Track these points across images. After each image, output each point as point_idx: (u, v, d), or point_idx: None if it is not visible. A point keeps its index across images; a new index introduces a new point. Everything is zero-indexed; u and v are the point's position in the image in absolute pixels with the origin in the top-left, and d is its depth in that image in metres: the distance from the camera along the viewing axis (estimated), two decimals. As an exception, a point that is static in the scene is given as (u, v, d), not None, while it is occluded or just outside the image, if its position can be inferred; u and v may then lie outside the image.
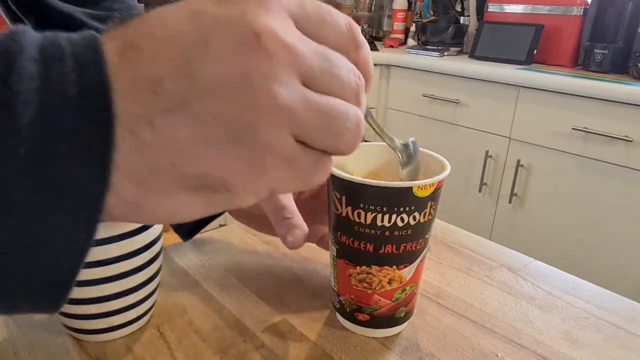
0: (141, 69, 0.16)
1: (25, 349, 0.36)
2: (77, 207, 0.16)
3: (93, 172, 0.16)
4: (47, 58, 0.15)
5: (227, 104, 0.16)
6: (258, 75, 0.16)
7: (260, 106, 0.17)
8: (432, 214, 0.34)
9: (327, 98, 0.18)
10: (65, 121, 0.15)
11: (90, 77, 0.15)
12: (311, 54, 0.18)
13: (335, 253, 0.37)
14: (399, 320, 0.38)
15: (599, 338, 0.39)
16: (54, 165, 0.15)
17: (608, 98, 1.39)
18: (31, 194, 0.15)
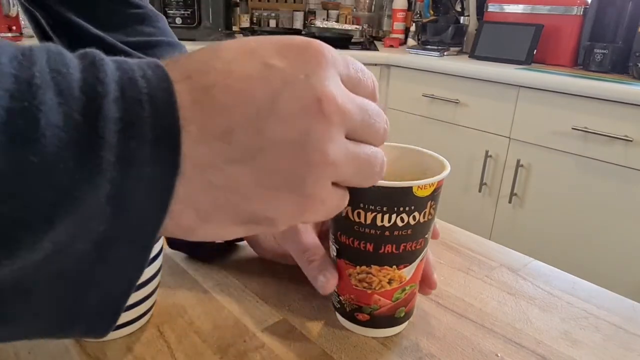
0: (214, 118, 0.18)
1: (25, 348, 0.36)
2: (138, 234, 0.18)
3: (156, 204, 0.17)
4: (127, 100, 0.16)
5: (286, 159, 0.19)
6: (315, 136, 0.19)
7: (313, 162, 0.19)
8: (432, 214, 0.34)
9: (362, 147, 0.22)
10: (141, 163, 0.16)
11: (164, 122, 0.17)
12: (357, 110, 0.21)
13: (334, 253, 0.37)
14: (399, 320, 0.38)
15: (598, 338, 0.39)
16: (129, 200, 0.16)
17: (608, 98, 1.39)
18: (107, 227, 0.16)
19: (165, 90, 0.17)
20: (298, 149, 0.19)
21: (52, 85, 0.15)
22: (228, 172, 0.18)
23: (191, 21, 2.06)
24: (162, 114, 0.17)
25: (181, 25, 2.05)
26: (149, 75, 0.17)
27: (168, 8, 2.05)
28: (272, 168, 0.19)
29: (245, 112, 0.18)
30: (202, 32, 2.08)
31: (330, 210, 0.22)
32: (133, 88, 0.17)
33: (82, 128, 0.15)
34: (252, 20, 2.46)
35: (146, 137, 0.16)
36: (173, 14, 2.05)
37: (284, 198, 0.20)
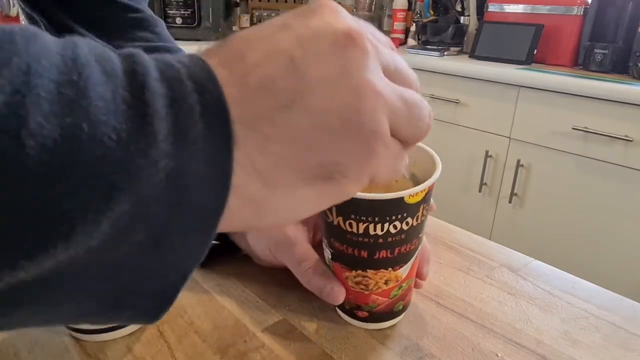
0: (250, 75, 0.18)
1: (25, 348, 0.36)
2: (200, 217, 0.17)
3: (217, 175, 0.17)
4: (169, 79, 0.16)
5: (334, 94, 0.18)
6: (355, 66, 0.19)
7: (363, 93, 0.19)
8: (425, 214, 0.34)
9: (405, 89, 0.21)
10: (193, 134, 0.16)
11: (208, 95, 0.17)
12: (387, 52, 0.21)
13: (329, 256, 0.37)
14: (397, 313, 0.39)
15: (598, 338, 0.39)
16: (185, 175, 0.16)
17: (608, 98, 1.39)
18: (167, 210, 0.16)
19: (201, 67, 0.17)
20: (341, 81, 0.18)
21: (96, 66, 0.15)
22: (281, 121, 0.18)
23: (191, 21, 2.06)
24: (205, 88, 0.17)
25: (181, 26, 2.05)
26: (182, 59, 0.18)
27: (168, 8, 2.05)
28: (324, 106, 0.18)
29: (279, 60, 0.18)
30: (202, 32, 2.08)
31: (394, 163, 0.21)
32: (171, 69, 0.17)
33: (131, 102, 0.15)
34: (252, 20, 2.46)
35: (195, 110, 0.16)
36: (173, 14, 2.05)
37: (346, 138, 0.19)
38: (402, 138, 0.21)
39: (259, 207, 0.19)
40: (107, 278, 0.17)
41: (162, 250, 0.17)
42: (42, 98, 0.13)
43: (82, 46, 0.16)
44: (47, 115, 0.13)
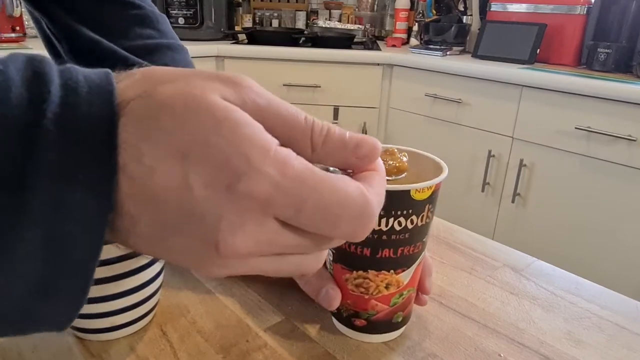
0: (129, 202, 0.18)
1: (28, 348, 0.36)
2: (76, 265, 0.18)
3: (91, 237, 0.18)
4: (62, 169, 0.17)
5: (185, 260, 0.19)
6: (210, 263, 0.19)
7: (207, 270, 0.20)
8: (430, 217, 0.34)
9: (275, 262, 0.20)
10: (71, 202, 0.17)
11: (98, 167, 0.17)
12: (274, 249, 0.19)
13: (331, 257, 0.36)
14: (397, 325, 0.38)
15: (602, 338, 0.39)
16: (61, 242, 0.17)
17: (611, 97, 1.39)
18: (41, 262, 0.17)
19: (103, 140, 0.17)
20: (196, 260, 0.19)
21: None
22: (134, 237, 0.19)
23: (194, 21, 2.07)
24: (99, 160, 0.17)
25: (184, 26, 2.05)
26: (93, 109, 0.17)
27: (171, 8, 2.05)
28: (176, 253, 0.19)
29: (151, 216, 0.18)
30: (205, 32, 2.08)
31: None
32: (69, 124, 0.17)
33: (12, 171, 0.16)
34: (254, 20, 2.46)
35: (77, 184, 0.17)
36: (175, 14, 2.05)
37: (189, 265, 0.20)
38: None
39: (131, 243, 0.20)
40: None
41: (40, 305, 0.18)
42: None
43: None
44: None
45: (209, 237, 0.18)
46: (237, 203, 0.18)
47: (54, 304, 0.18)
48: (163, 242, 0.19)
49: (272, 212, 0.18)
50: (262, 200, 0.18)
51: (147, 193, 0.17)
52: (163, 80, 0.18)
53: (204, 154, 0.17)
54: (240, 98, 0.19)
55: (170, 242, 0.19)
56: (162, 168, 0.17)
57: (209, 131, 0.17)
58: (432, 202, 0.33)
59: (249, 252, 0.19)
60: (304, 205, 0.18)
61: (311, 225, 0.19)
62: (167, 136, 0.17)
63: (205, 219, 0.18)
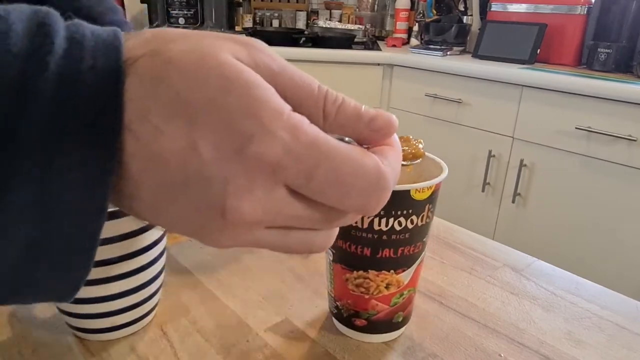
0: (134, 163, 0.17)
1: (29, 348, 0.36)
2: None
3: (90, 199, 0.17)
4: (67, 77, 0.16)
5: (184, 229, 0.18)
6: (213, 231, 0.18)
7: (208, 240, 0.19)
8: (430, 217, 0.34)
9: (283, 236, 0.19)
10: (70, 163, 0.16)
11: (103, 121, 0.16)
12: (280, 220, 0.19)
13: (331, 257, 0.36)
14: (397, 325, 0.38)
15: (602, 338, 0.39)
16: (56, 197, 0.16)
17: (612, 97, 1.39)
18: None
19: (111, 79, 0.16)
20: (196, 230, 0.18)
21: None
22: (136, 200, 0.18)
23: (194, 21, 2.07)
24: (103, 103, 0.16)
25: (184, 26, 2.05)
26: (98, 63, 0.16)
27: (171, 8, 2.05)
28: (179, 222, 0.18)
29: (156, 179, 0.17)
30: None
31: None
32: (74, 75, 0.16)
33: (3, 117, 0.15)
34: (254, 20, 2.46)
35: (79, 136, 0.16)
36: (176, 14, 2.05)
37: (192, 235, 0.19)
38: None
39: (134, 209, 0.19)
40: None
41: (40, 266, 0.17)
42: None
43: None
44: None
45: (215, 202, 0.17)
46: (247, 166, 0.17)
47: (50, 270, 0.17)
48: (167, 208, 0.18)
49: (283, 179, 0.17)
50: (272, 164, 0.17)
51: (152, 154, 0.17)
52: (174, 39, 0.18)
53: (213, 115, 0.17)
54: (253, 60, 0.18)
55: (175, 208, 0.18)
56: (169, 128, 0.16)
57: (219, 91, 0.17)
58: (432, 202, 0.33)
59: (256, 220, 0.18)
60: (316, 172, 0.18)
61: (322, 195, 0.18)
62: (176, 95, 0.17)
63: (212, 183, 0.17)
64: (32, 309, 0.40)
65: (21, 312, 0.40)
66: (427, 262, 0.49)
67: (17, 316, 0.39)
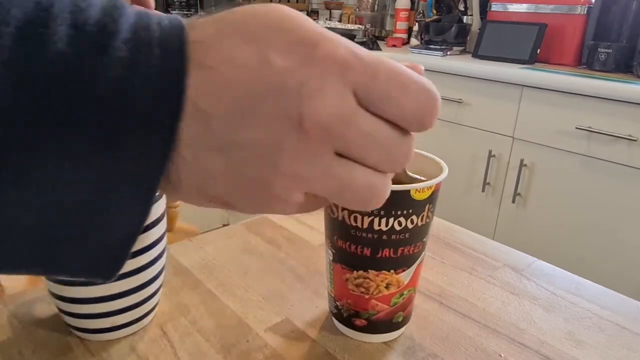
0: (200, 101, 0.17)
1: (29, 347, 0.36)
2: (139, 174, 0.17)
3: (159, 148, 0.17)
4: (137, 42, 0.17)
5: (256, 161, 0.18)
6: (287, 147, 0.18)
7: (281, 172, 0.19)
8: (430, 217, 0.34)
9: (352, 170, 0.20)
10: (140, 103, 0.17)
11: (171, 65, 0.17)
12: (353, 132, 0.19)
13: (331, 257, 0.36)
14: (397, 325, 0.38)
15: (602, 338, 0.39)
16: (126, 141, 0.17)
17: (612, 97, 1.39)
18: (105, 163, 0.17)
19: (177, 37, 0.17)
20: (269, 155, 0.18)
21: (67, 19, 0.16)
22: (199, 156, 0.18)
23: (194, 21, 2.07)
24: (170, 57, 0.17)
25: (184, 25, 2.05)
26: (164, 23, 0.18)
27: (171, 8, 2.05)
28: (243, 165, 0.18)
29: (228, 106, 0.18)
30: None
31: (298, 211, 0.21)
32: (145, 32, 0.17)
33: (86, 63, 0.16)
34: (255, 20, 2.46)
35: (150, 78, 0.17)
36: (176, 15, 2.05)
37: (249, 195, 0.19)
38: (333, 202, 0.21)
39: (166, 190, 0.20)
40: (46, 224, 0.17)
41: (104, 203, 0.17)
42: (3, 39, 0.15)
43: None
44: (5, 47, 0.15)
45: (292, 109, 0.18)
46: (317, 67, 0.18)
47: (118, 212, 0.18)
48: (237, 134, 0.18)
49: (351, 80, 0.18)
50: (341, 63, 0.18)
51: (224, 80, 0.17)
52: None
53: (280, 34, 0.18)
54: None
55: (246, 132, 0.18)
56: (239, 52, 0.18)
57: (282, 18, 0.18)
58: (432, 202, 0.33)
59: (331, 125, 0.18)
60: (378, 72, 0.19)
61: (385, 94, 0.19)
62: (240, 25, 0.18)
63: (288, 89, 0.18)
64: (33, 309, 0.40)
65: (21, 312, 0.40)
66: (427, 262, 0.49)
67: (17, 316, 0.39)
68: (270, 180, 0.19)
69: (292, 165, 0.18)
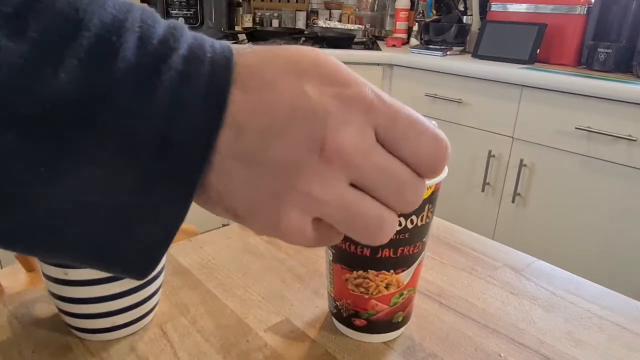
0: (240, 113, 0.19)
1: (29, 347, 0.36)
2: (181, 173, 0.19)
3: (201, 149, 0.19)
4: (192, 59, 0.19)
5: (275, 178, 0.20)
6: (306, 169, 0.20)
7: (296, 191, 0.20)
8: (430, 217, 0.34)
9: (364, 202, 0.21)
10: (191, 108, 0.18)
11: (218, 82, 0.19)
12: (369, 165, 0.20)
13: (331, 258, 0.36)
14: (397, 325, 0.38)
15: (602, 338, 0.39)
16: (175, 139, 0.18)
17: (611, 97, 1.39)
18: (154, 159, 0.18)
19: (226, 59, 0.19)
20: (289, 173, 0.20)
21: (137, 32, 0.18)
22: (226, 163, 0.20)
23: (194, 21, 2.07)
24: (218, 75, 0.19)
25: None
26: (216, 46, 0.20)
27: (171, 8, 2.05)
28: (262, 180, 0.20)
29: (262, 122, 0.19)
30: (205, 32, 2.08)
31: (307, 242, 0.22)
32: (200, 51, 0.19)
33: (149, 67, 0.18)
34: (254, 20, 2.46)
35: (200, 89, 0.18)
36: (176, 14, 2.05)
37: (262, 211, 0.21)
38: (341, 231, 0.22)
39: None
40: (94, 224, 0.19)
41: (144, 200, 0.19)
42: (80, 45, 0.17)
43: (135, 11, 0.19)
44: (75, 62, 0.17)
45: (317, 133, 0.19)
46: (346, 103, 0.20)
47: (154, 206, 0.19)
48: (265, 151, 0.19)
49: (374, 119, 0.20)
50: (367, 103, 0.20)
51: (263, 101, 0.19)
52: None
53: (317, 71, 0.20)
54: None
55: (273, 148, 0.19)
56: (280, 79, 0.20)
57: (319, 58, 0.21)
58: (432, 202, 0.33)
59: (350, 154, 0.20)
60: (399, 116, 0.21)
61: (403, 137, 0.21)
62: (283, 59, 0.20)
63: (317, 115, 0.19)
64: (33, 309, 0.40)
65: (21, 312, 0.40)
66: (427, 262, 0.49)
67: (16, 316, 0.39)
68: (285, 197, 0.20)
69: (308, 185, 0.20)
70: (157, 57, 0.18)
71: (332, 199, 0.20)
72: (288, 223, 0.21)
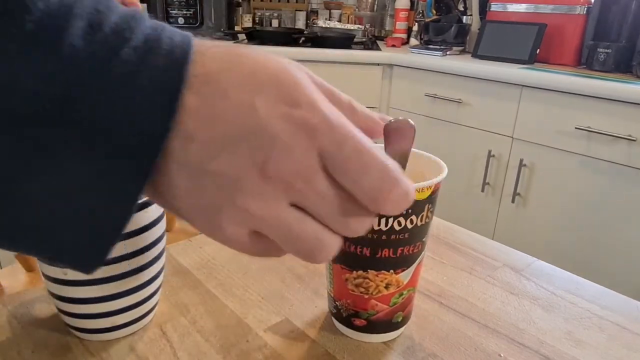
0: (190, 123, 0.19)
1: (28, 348, 0.36)
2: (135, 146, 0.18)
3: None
4: (145, 51, 0.18)
5: (216, 191, 0.20)
6: (245, 184, 0.20)
7: (233, 203, 0.20)
8: (430, 217, 0.34)
9: (303, 222, 0.21)
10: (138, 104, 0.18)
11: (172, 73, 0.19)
12: (309, 191, 0.20)
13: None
14: (397, 325, 0.38)
15: (602, 338, 0.39)
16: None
17: (611, 97, 1.39)
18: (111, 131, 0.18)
19: (183, 57, 0.19)
20: (229, 187, 0.20)
21: (86, 18, 0.17)
22: (169, 171, 0.19)
23: (193, 21, 2.07)
24: (172, 76, 0.18)
25: (183, 26, 2.05)
26: (175, 40, 0.19)
27: (170, 8, 2.05)
28: (203, 191, 0.20)
29: (210, 134, 0.19)
30: (205, 32, 2.08)
31: (247, 251, 0.22)
32: (155, 44, 0.19)
33: (98, 59, 0.17)
34: (254, 20, 2.46)
35: (152, 89, 0.18)
36: (175, 14, 2.05)
37: (202, 217, 0.21)
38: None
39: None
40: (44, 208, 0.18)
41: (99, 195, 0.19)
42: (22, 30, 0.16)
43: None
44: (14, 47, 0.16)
45: (260, 155, 0.19)
46: (293, 126, 0.20)
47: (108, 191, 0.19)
48: (209, 163, 0.19)
49: (319, 143, 0.20)
50: (314, 128, 0.20)
51: (214, 111, 0.19)
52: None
53: (275, 84, 0.20)
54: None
55: (217, 161, 0.19)
56: (234, 91, 0.19)
57: (282, 72, 0.20)
58: (432, 202, 0.33)
59: (290, 179, 0.20)
60: (345, 144, 0.20)
61: (346, 166, 0.20)
62: (245, 68, 0.20)
63: (263, 137, 0.19)
64: (32, 309, 0.40)
65: (21, 312, 0.40)
66: (427, 262, 0.49)
67: (16, 316, 0.39)
68: (224, 209, 0.20)
69: (246, 201, 0.20)
70: (108, 48, 0.17)
71: (269, 217, 0.20)
72: (226, 232, 0.21)
